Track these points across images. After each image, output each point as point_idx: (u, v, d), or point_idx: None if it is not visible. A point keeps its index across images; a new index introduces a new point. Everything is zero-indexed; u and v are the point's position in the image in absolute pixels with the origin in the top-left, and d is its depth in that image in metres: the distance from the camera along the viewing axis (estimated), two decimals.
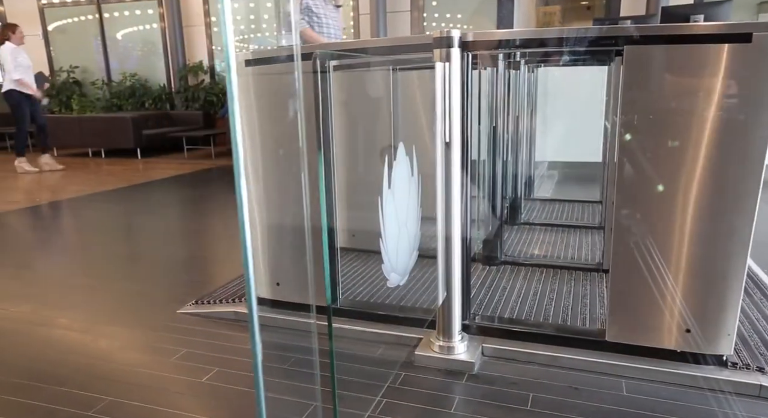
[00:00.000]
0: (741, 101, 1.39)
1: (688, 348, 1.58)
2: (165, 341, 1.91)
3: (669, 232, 1.52)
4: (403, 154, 1.42)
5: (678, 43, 1.41)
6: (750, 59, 1.37)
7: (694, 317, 1.55)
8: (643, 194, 1.53)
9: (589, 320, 1.89)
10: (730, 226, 1.46)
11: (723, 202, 1.46)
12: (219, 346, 1.87)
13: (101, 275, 2.63)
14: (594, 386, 1.57)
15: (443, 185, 1.64)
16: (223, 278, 2.48)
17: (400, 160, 1.41)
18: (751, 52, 1.37)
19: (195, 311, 2.13)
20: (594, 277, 2.28)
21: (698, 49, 1.40)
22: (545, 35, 1.58)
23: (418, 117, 2.12)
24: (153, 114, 7.67)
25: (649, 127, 1.48)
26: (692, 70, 1.41)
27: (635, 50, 1.45)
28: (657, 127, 1.47)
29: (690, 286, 1.54)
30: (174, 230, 3.52)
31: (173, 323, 2.06)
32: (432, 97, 1.42)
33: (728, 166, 1.43)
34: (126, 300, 2.29)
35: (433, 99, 1.45)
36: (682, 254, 1.52)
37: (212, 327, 2.02)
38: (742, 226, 1.45)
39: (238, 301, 2.15)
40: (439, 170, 1.62)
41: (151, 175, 5.78)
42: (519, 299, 2.07)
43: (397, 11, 6.69)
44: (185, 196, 4.63)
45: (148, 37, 8.53)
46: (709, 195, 1.46)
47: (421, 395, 1.56)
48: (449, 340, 1.73)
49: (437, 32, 1.54)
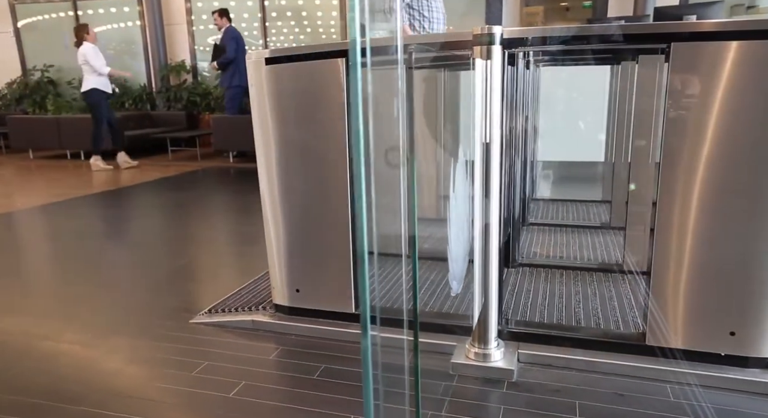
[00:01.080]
0: None
1: (732, 351, 1.56)
2: (182, 354, 1.81)
3: (715, 234, 1.49)
4: (463, 157, 1.36)
5: (736, 40, 1.38)
6: None
7: (739, 319, 1.53)
8: (690, 196, 1.50)
9: (621, 322, 1.86)
10: None
11: None
12: (242, 358, 1.78)
13: (100, 283, 2.50)
14: (639, 392, 1.53)
15: (482, 188, 1.58)
16: (230, 285, 2.39)
17: (460, 163, 1.35)
18: None
19: (210, 321, 2.03)
20: (616, 278, 2.25)
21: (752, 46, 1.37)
22: (588, 32, 1.54)
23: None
24: (135, 115, 7.46)
25: (700, 126, 1.44)
26: (746, 68, 1.38)
27: (686, 47, 1.41)
28: (708, 127, 1.44)
29: (735, 288, 1.51)
30: (168, 235, 3.40)
31: (188, 333, 1.96)
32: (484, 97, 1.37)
33: None
34: (131, 310, 2.18)
35: (483, 98, 1.39)
36: (727, 256, 1.49)
37: (230, 337, 1.93)
38: None
39: (255, 309, 2.06)
40: (478, 172, 1.57)
41: (135, 177, 5.60)
42: (545, 303, 2.03)
43: None
44: (173, 200, 4.48)
45: (128, 35, 8.31)
46: (761, 196, 1.44)
47: (463, 405, 1.50)
48: (486, 347, 1.68)
49: (477, 28, 1.49)
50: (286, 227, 1.93)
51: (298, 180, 1.87)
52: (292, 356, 1.79)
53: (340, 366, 1.71)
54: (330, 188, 1.84)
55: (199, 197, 4.54)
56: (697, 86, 1.43)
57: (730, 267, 1.50)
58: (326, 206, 1.86)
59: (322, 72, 1.75)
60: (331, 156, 1.81)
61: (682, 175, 1.50)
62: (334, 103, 1.76)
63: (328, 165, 1.82)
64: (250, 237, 3.26)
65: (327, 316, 1.94)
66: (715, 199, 1.48)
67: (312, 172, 1.85)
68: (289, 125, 1.83)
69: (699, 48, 1.40)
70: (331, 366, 1.71)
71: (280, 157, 1.88)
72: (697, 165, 1.47)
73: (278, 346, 1.85)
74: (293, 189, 1.89)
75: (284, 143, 1.86)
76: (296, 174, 1.87)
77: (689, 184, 1.49)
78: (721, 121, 1.43)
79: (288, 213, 1.91)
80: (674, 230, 1.53)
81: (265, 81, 1.82)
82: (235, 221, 3.74)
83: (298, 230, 1.91)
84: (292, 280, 1.97)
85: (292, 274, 1.96)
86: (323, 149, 1.81)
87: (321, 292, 1.94)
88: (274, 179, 1.90)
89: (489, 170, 1.56)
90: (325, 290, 1.94)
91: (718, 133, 1.43)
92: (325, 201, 1.85)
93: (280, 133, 1.85)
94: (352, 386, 1.60)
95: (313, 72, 1.76)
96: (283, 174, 1.88)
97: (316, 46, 1.76)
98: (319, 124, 1.80)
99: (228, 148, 6.48)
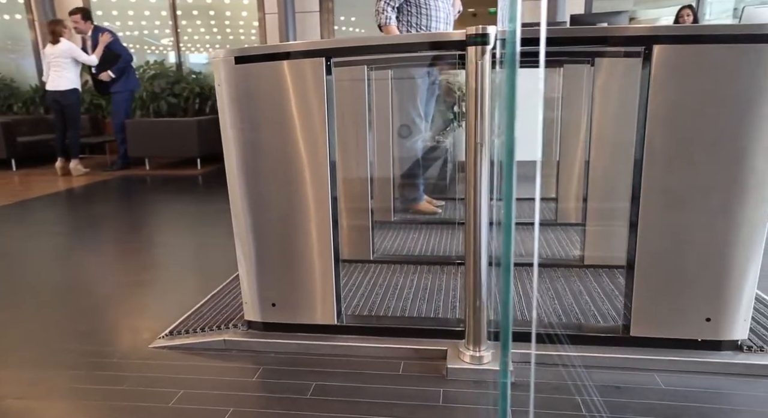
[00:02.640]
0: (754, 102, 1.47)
1: (708, 336, 1.65)
2: (151, 383, 1.63)
3: (694, 227, 1.58)
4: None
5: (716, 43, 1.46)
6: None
7: (714, 306, 1.63)
8: (669, 192, 1.57)
9: (600, 316, 1.92)
10: (749, 218, 1.54)
11: (745, 196, 1.53)
12: (221, 382, 1.63)
13: (21, 307, 2.21)
14: (632, 383, 1.59)
15: (472, 188, 1.57)
16: (185, 303, 2.20)
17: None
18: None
19: (173, 344, 1.85)
20: (580, 273, 2.34)
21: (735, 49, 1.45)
22: (578, 34, 1.57)
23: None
24: (28, 119, 6.76)
25: (683, 126, 1.52)
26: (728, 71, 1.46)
27: (669, 50, 1.48)
28: (689, 127, 1.51)
29: (712, 277, 1.61)
30: (93, 254, 3.09)
31: (151, 360, 1.77)
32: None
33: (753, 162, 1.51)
34: (70, 339, 1.94)
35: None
36: (706, 248, 1.58)
37: (202, 361, 1.76)
38: (760, 218, 1.54)
39: (225, 327, 1.90)
40: (470, 172, 1.55)
41: (35, 189, 5.06)
42: (521, 301, 2.06)
43: (306, 11, 6.50)
44: (87, 214, 4.10)
45: (11, 30, 7.52)
46: (731, 190, 1.53)
47: (470, 411, 1.47)
48: (480, 349, 1.66)
49: (472, 29, 1.47)
50: (259, 238, 1.80)
51: (271, 186, 1.76)
52: (277, 375, 1.67)
53: (332, 382, 1.62)
54: (309, 193, 1.74)
55: (116, 211, 4.18)
56: (679, 87, 1.50)
57: (706, 258, 1.59)
58: (304, 213, 1.75)
59: (301, 72, 1.65)
60: (309, 159, 1.71)
61: (660, 172, 1.57)
62: (314, 105, 1.67)
63: (306, 169, 1.72)
64: (194, 250, 3.04)
65: (307, 330, 1.84)
66: (691, 195, 1.56)
67: (288, 177, 1.74)
68: (263, 128, 1.71)
69: (683, 51, 1.48)
70: (322, 383, 1.62)
71: (251, 162, 1.75)
72: (674, 161, 1.54)
73: (258, 366, 1.72)
74: (266, 196, 1.77)
75: (257, 147, 1.73)
76: (270, 180, 1.75)
77: (668, 180, 1.56)
78: (699, 120, 1.51)
79: (261, 222, 1.79)
80: (654, 225, 1.60)
81: (235, 81, 1.69)
82: (170, 234, 3.47)
83: (272, 241, 1.79)
84: (267, 294, 1.84)
85: (266, 288, 1.84)
86: (301, 153, 1.71)
87: (300, 305, 1.84)
88: (245, 186, 1.77)
89: (480, 171, 1.55)
90: (304, 302, 1.83)
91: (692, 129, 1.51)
92: (303, 208, 1.75)
93: (253, 136, 1.72)
94: (352, 402, 1.52)
95: (290, 72, 1.66)
96: (255, 180, 1.76)
97: (293, 45, 1.66)
98: (296, 126, 1.69)
99: (144, 154, 6.04)
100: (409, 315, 1.97)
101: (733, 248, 1.57)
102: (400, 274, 2.38)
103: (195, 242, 3.19)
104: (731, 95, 1.47)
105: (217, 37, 7.25)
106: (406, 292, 2.17)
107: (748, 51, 1.44)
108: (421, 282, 2.27)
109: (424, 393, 1.55)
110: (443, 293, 2.15)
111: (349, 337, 1.81)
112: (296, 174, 1.73)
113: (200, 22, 7.22)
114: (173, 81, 6.78)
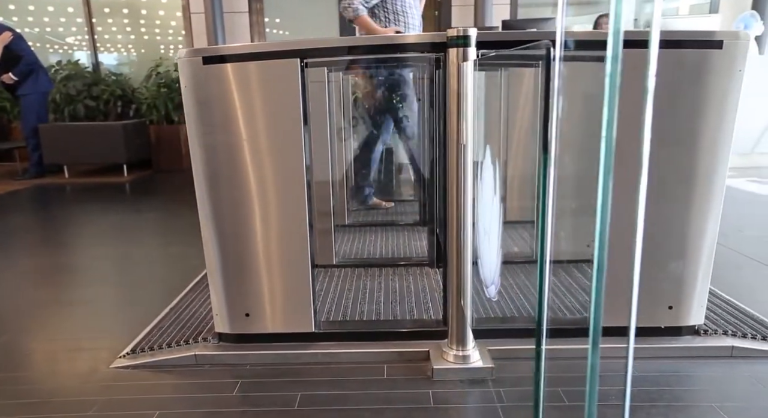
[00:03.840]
0: (704, 102, 1.59)
1: (670, 323, 1.77)
2: (123, 406, 1.51)
3: (653, 221, 1.68)
4: (490, 158, 1.33)
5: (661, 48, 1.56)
6: (721, 64, 1.57)
7: (675, 294, 1.74)
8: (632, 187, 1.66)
9: (566, 309, 2.00)
10: (701, 210, 1.67)
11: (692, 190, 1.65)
12: (200, 399, 1.54)
13: None
14: (607, 371, 1.65)
15: (455, 188, 1.58)
16: (137, 320, 2.05)
17: (487, 165, 1.31)
18: (721, 58, 1.57)
19: (138, 363, 1.73)
20: (525, 268, 2.42)
21: None
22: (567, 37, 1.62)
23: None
24: None
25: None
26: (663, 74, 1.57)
27: None
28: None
29: (672, 267, 1.72)
30: (8, 272, 2.83)
31: (116, 381, 1.64)
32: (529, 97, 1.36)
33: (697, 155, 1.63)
34: (16, 368, 1.77)
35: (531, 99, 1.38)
36: (666, 240, 1.69)
37: (173, 378, 1.66)
38: (711, 210, 1.66)
39: (193, 342, 1.80)
40: (453, 173, 1.57)
41: None
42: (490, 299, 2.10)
43: (234, 12, 6.31)
44: (5, 227, 3.75)
45: None
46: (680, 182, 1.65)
47: (463, 410, 1.48)
48: (464, 348, 1.68)
49: (453, 30, 1.48)
50: (230, 247, 1.72)
51: (242, 191, 1.68)
52: (258, 388, 1.60)
53: (318, 391, 1.58)
54: (283, 198, 1.68)
55: (40, 222, 3.86)
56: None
57: (668, 249, 1.70)
58: (278, 219, 1.70)
59: (275, 73, 1.59)
60: (282, 163, 1.66)
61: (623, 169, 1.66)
62: (289, 108, 1.62)
63: (279, 173, 1.67)
64: (137, 263, 2.86)
65: (283, 339, 1.78)
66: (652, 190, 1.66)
67: (259, 182, 1.67)
68: (233, 131, 1.64)
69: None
70: (308, 393, 1.57)
71: (219, 168, 1.67)
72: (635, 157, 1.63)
73: (237, 380, 1.64)
74: (236, 201, 1.69)
75: (225, 151, 1.66)
76: (240, 185, 1.68)
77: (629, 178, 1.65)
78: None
79: (232, 230, 1.71)
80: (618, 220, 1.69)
81: (204, 83, 1.60)
82: (106, 246, 3.24)
83: (244, 249, 1.72)
84: (241, 304, 1.76)
85: (239, 298, 1.76)
86: (275, 157, 1.65)
87: (275, 313, 1.77)
88: (213, 192, 1.69)
89: (463, 172, 1.57)
90: (279, 310, 1.77)
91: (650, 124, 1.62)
92: (277, 213, 1.69)
93: (222, 140, 1.64)
94: (343, 410, 1.48)
95: (262, 73, 1.60)
96: (224, 186, 1.68)
97: (266, 45, 1.60)
98: (269, 130, 1.64)
99: (63, 161, 5.60)
100: (385, 318, 1.96)
101: (692, 239, 1.69)
102: (366, 277, 2.36)
103: (137, 254, 3.00)
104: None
105: (144, 37, 6.87)
106: (377, 295, 2.15)
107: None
108: (389, 285, 2.26)
109: (414, 396, 1.54)
110: (413, 295, 2.15)
111: (329, 344, 1.77)
112: (269, 178, 1.67)
113: (112, 20, 6.81)
114: (90, 83, 6.34)
